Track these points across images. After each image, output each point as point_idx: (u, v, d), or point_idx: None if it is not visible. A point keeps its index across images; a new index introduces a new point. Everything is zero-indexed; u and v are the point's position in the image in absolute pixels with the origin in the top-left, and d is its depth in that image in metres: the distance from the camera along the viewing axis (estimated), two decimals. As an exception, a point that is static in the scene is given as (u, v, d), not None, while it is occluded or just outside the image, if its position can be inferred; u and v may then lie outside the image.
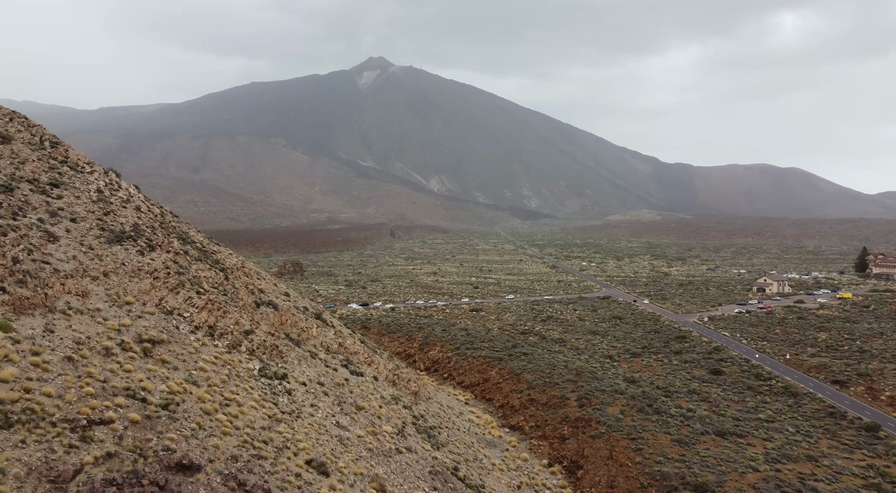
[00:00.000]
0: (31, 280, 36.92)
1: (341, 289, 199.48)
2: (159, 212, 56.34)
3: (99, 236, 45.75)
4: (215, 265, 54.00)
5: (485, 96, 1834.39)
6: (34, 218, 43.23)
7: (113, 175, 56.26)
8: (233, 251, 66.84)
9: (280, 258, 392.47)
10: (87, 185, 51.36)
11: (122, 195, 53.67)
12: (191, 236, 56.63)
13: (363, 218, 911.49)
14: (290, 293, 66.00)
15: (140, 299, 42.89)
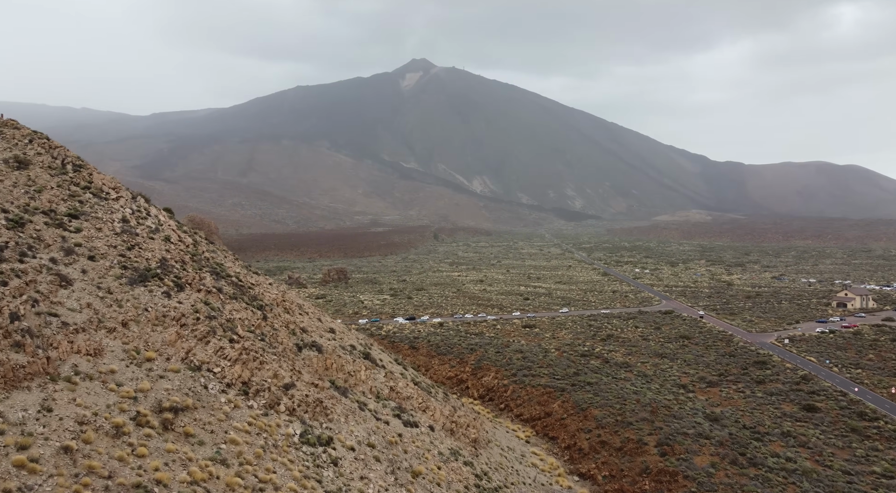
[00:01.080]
0: (32, 341, 30.86)
1: (386, 299, 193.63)
2: (192, 242, 50.30)
3: (120, 277, 39.71)
4: (252, 303, 47.63)
5: (527, 96, 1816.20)
6: (45, 258, 37.42)
7: (141, 201, 50.48)
8: (273, 281, 60.68)
9: (324, 263, 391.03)
10: (111, 214, 45.59)
11: (150, 224, 47.78)
12: (226, 269, 50.45)
13: (406, 220, 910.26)
14: (336, 328, 59.35)
15: (163, 353, 36.60)
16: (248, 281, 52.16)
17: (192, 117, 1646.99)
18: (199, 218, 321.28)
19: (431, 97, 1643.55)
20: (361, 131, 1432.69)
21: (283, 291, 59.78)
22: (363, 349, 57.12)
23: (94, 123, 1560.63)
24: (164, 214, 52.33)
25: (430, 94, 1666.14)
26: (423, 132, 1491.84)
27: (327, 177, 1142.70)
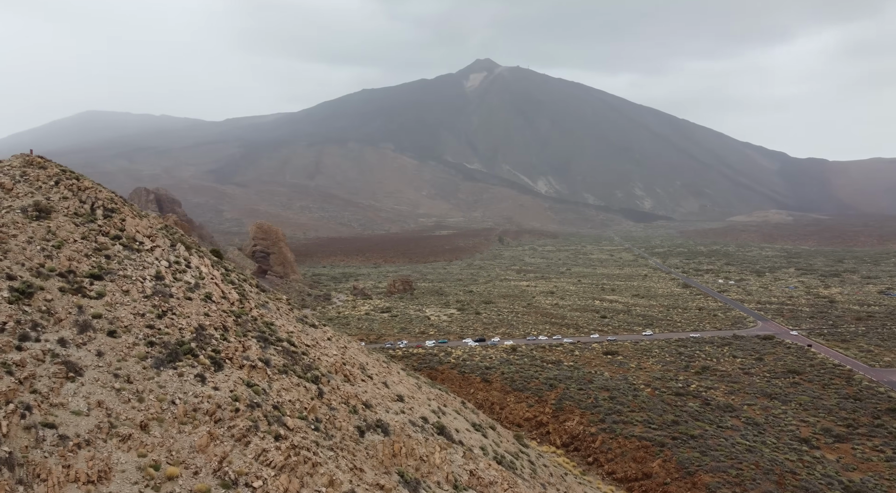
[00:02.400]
0: (11, 474, 23.29)
1: (453, 314, 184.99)
2: (237, 297, 42.57)
3: (144, 357, 32.10)
4: (306, 375, 39.42)
5: (593, 94, 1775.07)
6: (53, 339, 30.15)
7: (181, 249, 43.14)
8: (333, 334, 52.60)
9: (389, 269, 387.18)
10: (143, 270, 38.29)
11: (189, 278, 40.30)
12: (276, 331, 42.45)
13: (470, 222, 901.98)
14: (405, 392, 50.53)
15: (190, 465, 28.57)
16: (302, 343, 44.00)
17: (263, 122, 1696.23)
18: (266, 226, 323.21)
19: (495, 97, 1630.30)
20: (425, 133, 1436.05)
21: (345, 347, 51.45)
22: (436, 421, 48.07)
23: (172, 129, 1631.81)
24: (208, 261, 44.84)
25: (493, 94, 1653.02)
26: (487, 133, 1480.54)
27: (392, 179, 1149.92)
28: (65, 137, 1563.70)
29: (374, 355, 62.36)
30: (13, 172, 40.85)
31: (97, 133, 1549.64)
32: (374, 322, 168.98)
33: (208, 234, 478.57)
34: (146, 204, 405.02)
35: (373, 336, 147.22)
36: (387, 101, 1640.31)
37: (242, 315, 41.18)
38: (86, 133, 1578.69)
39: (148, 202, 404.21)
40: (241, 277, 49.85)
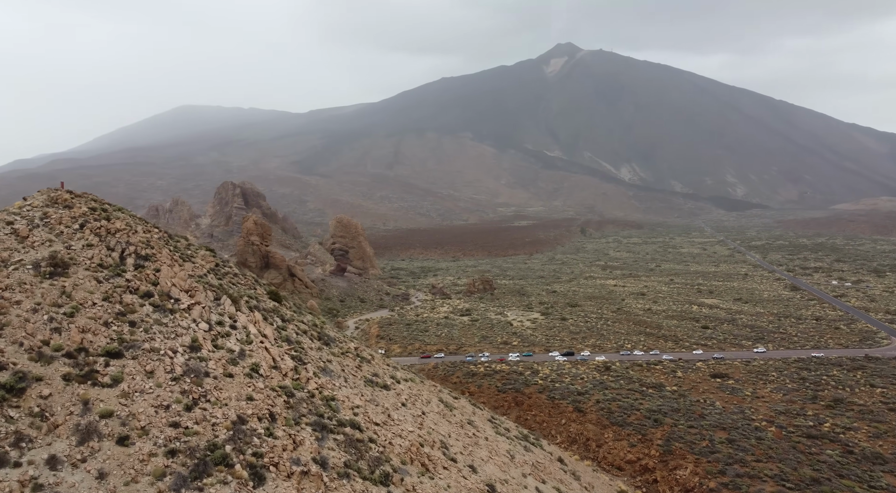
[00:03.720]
0: None
1: (537, 320, 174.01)
2: (293, 366, 34.36)
3: (162, 475, 24.23)
4: (374, 473, 30.76)
5: (682, 76, 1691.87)
6: (40, 460, 22.72)
7: (227, 304, 35.32)
8: (408, 393, 43.85)
9: (468, 263, 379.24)
10: (175, 338, 30.65)
11: (233, 345, 32.41)
12: (339, 408, 33.98)
13: (550, 211, 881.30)
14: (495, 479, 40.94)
15: None
16: (371, 421, 35.28)
17: (344, 113, 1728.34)
18: (346, 220, 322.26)
19: (577, 82, 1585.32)
20: (504, 121, 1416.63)
21: (422, 413, 42.48)
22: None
23: (259, 121, 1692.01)
24: (258, 315, 36.85)
25: (575, 79, 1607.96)
26: (568, 119, 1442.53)
27: (470, 168, 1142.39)
28: (163, 130, 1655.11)
29: (458, 408, 53.09)
30: (33, 214, 34.23)
31: (192, 127, 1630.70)
32: (454, 328, 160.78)
33: (291, 225, 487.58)
34: (232, 198, 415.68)
35: (453, 346, 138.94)
36: (465, 89, 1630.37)
37: (297, 391, 32.83)
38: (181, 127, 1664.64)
39: (234, 196, 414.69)
40: (301, 326, 41.79)
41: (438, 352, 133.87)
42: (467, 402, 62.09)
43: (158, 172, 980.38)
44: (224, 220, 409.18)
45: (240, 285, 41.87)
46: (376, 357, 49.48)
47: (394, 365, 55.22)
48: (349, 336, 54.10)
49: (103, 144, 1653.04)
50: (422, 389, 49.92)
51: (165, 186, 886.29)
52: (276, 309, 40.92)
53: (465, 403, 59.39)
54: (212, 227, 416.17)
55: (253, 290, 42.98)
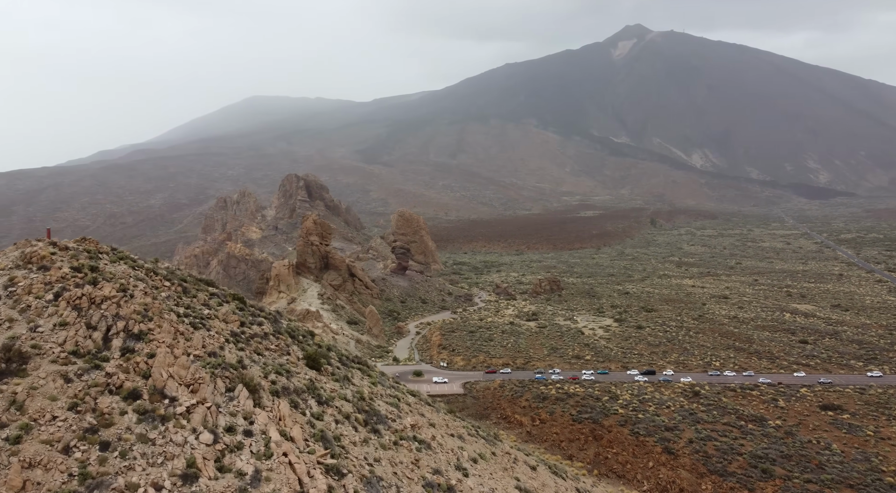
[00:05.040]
0: None
1: (610, 328, 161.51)
2: (325, 489, 25.56)
3: None
4: None
5: (759, 56, 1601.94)
6: None
7: (242, 396, 26.84)
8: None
9: (533, 257, 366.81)
10: (164, 464, 22.25)
11: (244, 464, 23.83)
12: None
13: (617, 200, 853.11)
14: None
15: None
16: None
17: (408, 101, 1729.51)
18: (408, 214, 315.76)
19: (646, 65, 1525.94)
20: (569, 107, 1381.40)
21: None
22: None
23: (325, 110, 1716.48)
24: (284, 408, 28.12)
25: (644, 62, 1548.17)
26: (636, 104, 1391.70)
27: (534, 156, 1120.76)
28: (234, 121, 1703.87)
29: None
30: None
31: (260, 117, 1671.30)
32: (521, 337, 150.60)
33: (354, 217, 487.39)
34: (296, 191, 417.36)
35: (520, 360, 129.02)
36: (530, 75, 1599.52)
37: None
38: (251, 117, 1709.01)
39: (298, 189, 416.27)
40: (343, 407, 32.89)
41: (504, 367, 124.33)
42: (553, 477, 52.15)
43: (229, 163, 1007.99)
44: (288, 212, 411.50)
45: (269, 352, 33.52)
46: (439, 433, 40.31)
47: (460, 430, 46.04)
48: (404, 394, 45.19)
49: (178, 134, 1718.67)
50: (500, 475, 40.41)
51: (235, 175, 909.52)
52: (311, 385, 32.26)
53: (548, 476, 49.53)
54: (276, 219, 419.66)
55: (286, 354, 34.55)
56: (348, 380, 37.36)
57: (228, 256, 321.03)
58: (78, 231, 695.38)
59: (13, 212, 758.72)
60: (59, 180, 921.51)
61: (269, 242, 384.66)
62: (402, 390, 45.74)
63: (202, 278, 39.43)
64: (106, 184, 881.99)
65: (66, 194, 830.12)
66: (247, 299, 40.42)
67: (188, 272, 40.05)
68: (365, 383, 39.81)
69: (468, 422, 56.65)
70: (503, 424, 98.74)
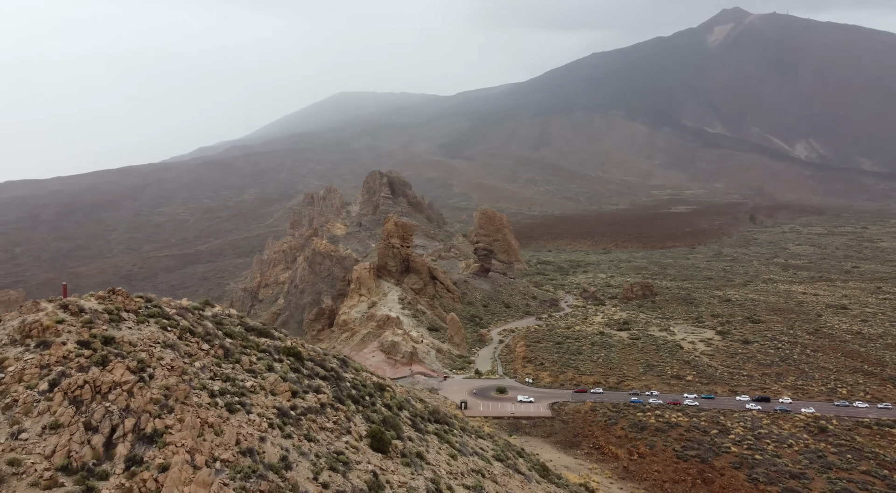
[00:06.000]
0: None
1: (713, 342, 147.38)
2: None
3: None
4: None
5: (875, 37, 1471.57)
6: None
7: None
8: None
9: (621, 257, 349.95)
10: None
11: None
12: None
13: (711, 194, 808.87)
14: None
15: None
16: None
17: (491, 94, 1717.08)
18: (490, 212, 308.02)
19: (744, 51, 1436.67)
20: (659, 96, 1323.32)
21: None
22: None
23: (410, 105, 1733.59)
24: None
25: (742, 47, 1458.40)
26: (733, 92, 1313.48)
27: (621, 148, 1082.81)
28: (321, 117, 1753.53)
29: None
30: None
31: (347, 113, 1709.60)
32: (612, 350, 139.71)
33: (436, 213, 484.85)
34: (380, 187, 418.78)
35: (612, 379, 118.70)
36: (617, 64, 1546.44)
37: None
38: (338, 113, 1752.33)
39: (381, 186, 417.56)
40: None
41: (596, 386, 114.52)
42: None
43: (317, 158, 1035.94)
44: (372, 209, 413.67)
45: (325, 431, 27.04)
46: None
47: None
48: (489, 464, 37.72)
49: (270, 131, 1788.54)
50: None
51: (322, 171, 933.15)
52: (374, 481, 25.31)
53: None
54: (360, 215, 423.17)
55: (346, 432, 27.92)
56: (422, 460, 30.42)
57: (314, 252, 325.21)
58: (178, 225, 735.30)
59: (121, 206, 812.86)
60: (162, 176, 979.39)
61: (352, 239, 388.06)
62: (487, 456, 38.39)
63: (254, 326, 33.64)
64: (203, 179, 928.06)
65: (168, 190, 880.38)
66: (305, 350, 34.26)
67: (240, 319, 34.37)
68: (443, 459, 32.81)
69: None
70: (596, 455, 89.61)
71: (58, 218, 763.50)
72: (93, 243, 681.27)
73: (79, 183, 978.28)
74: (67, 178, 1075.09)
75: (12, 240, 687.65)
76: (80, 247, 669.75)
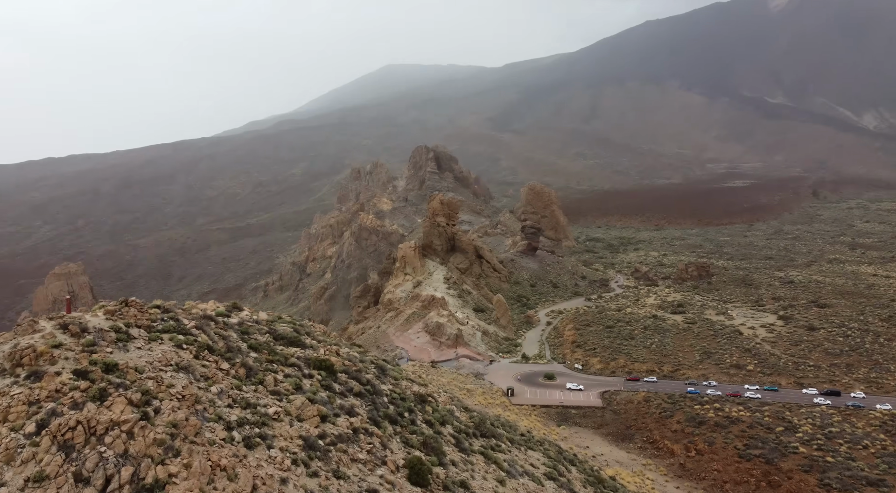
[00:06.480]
0: None
1: (774, 326, 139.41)
2: None
3: None
4: None
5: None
6: None
7: None
8: None
9: (674, 234, 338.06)
10: None
11: None
12: None
13: (770, 168, 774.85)
14: None
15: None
16: None
17: (540, 65, 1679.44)
18: (539, 188, 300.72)
19: (809, 15, 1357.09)
20: (716, 65, 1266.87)
21: None
22: None
23: (457, 77, 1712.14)
24: None
25: (807, 11, 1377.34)
26: (796, 60, 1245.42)
27: (675, 120, 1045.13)
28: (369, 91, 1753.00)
29: None
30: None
31: (394, 87, 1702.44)
32: (666, 335, 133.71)
33: (483, 188, 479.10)
34: (426, 162, 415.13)
35: (667, 366, 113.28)
36: (673, 32, 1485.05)
37: None
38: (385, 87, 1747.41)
39: (427, 160, 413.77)
40: None
41: (649, 374, 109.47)
42: None
43: (364, 132, 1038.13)
44: (418, 184, 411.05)
45: (357, 463, 23.88)
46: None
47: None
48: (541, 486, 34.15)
49: (319, 105, 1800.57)
50: None
51: (370, 145, 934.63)
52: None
53: None
54: (406, 191, 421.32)
55: (381, 463, 24.75)
56: (466, 491, 27.06)
57: (360, 227, 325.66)
58: (230, 199, 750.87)
59: (176, 180, 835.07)
60: (215, 150, 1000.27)
61: (398, 214, 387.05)
62: (538, 476, 34.87)
63: (283, 333, 30.67)
64: (254, 154, 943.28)
65: (221, 164, 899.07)
66: (340, 359, 31.18)
67: (269, 325, 31.44)
68: (489, 486, 29.44)
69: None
70: (650, 450, 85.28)
71: (117, 191, 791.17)
72: (149, 216, 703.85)
73: (136, 157, 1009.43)
74: (125, 152, 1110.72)
75: (75, 213, 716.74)
76: (138, 220, 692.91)
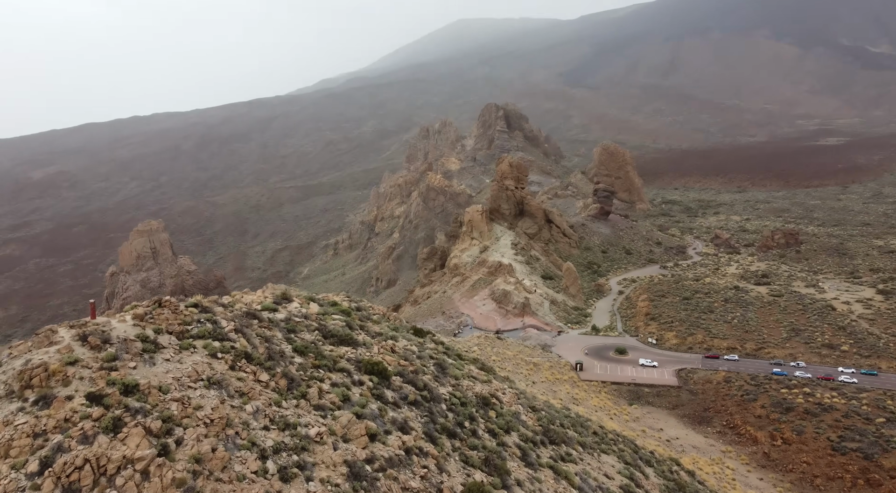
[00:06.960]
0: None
1: (872, 301, 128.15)
2: None
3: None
4: None
5: None
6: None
7: None
8: None
9: (758, 196, 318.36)
10: None
11: None
12: None
13: (869, 124, 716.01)
14: None
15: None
16: None
17: (617, 17, 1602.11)
18: (612, 148, 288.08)
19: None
20: (812, 12, 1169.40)
21: None
22: None
23: (529, 31, 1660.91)
24: None
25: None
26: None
27: (762, 73, 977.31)
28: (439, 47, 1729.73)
29: None
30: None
31: (464, 42, 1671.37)
32: (749, 308, 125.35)
33: (554, 146, 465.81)
34: (495, 121, 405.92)
35: (750, 344, 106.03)
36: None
37: None
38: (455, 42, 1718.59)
39: (497, 119, 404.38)
40: None
41: (730, 352, 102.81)
42: None
43: (433, 89, 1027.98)
44: (487, 143, 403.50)
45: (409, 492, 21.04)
46: None
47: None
48: None
49: (389, 62, 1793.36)
50: None
51: (439, 103, 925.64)
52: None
53: None
54: (475, 150, 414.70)
55: (436, 491, 21.82)
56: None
57: (428, 187, 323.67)
58: (302, 157, 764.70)
59: (251, 139, 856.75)
60: (288, 109, 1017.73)
61: (467, 174, 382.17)
62: (612, 491, 31.26)
63: (334, 330, 27.96)
64: (326, 112, 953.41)
65: (294, 122, 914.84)
66: (395, 358, 28.29)
67: (319, 321, 28.77)
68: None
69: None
70: (730, 435, 79.96)
71: (196, 149, 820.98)
72: (226, 174, 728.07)
73: (214, 115, 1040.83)
74: (204, 110, 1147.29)
75: (158, 170, 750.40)
76: (216, 177, 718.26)
